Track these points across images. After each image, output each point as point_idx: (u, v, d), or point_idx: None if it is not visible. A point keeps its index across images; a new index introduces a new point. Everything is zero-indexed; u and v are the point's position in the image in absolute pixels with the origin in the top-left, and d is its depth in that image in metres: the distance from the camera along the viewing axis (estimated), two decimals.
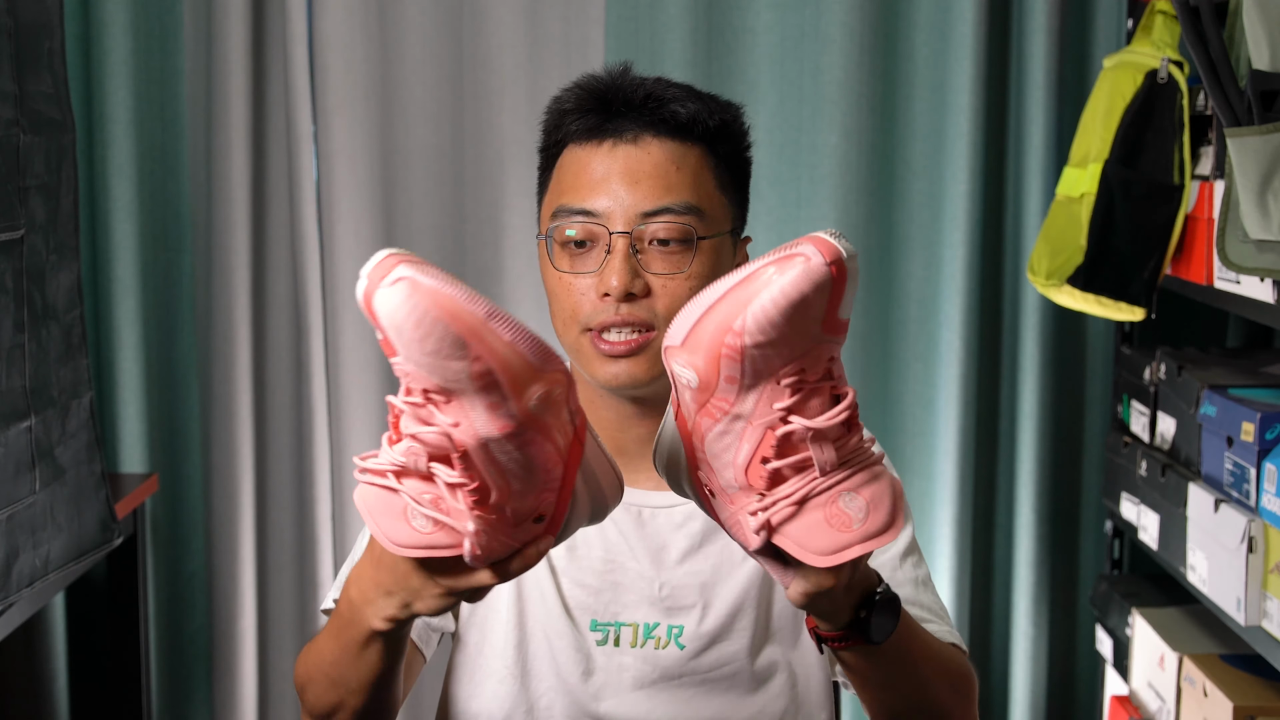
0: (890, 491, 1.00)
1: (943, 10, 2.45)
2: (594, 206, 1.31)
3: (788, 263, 0.93)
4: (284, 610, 2.62)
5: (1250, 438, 1.82)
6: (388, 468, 0.99)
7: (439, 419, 0.95)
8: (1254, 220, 1.72)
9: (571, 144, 1.35)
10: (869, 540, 0.98)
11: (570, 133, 1.35)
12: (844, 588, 1.06)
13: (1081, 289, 2.15)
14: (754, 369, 0.97)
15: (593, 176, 1.32)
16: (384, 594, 1.07)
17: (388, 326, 0.92)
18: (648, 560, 1.37)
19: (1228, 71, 1.79)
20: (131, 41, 2.43)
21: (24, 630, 2.48)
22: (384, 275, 0.91)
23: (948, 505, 2.50)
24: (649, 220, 1.30)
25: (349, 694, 1.17)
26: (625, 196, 1.30)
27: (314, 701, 1.21)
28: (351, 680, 1.16)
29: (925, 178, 2.49)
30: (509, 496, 0.99)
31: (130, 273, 2.46)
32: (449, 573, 1.03)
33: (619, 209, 1.30)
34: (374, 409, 2.53)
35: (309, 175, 2.48)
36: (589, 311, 1.30)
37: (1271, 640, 1.78)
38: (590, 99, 1.35)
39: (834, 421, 0.98)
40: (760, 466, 1.00)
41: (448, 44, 2.52)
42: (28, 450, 1.78)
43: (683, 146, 1.33)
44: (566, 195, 1.33)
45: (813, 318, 0.94)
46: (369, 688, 1.16)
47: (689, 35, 2.45)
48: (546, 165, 1.39)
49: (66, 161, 1.88)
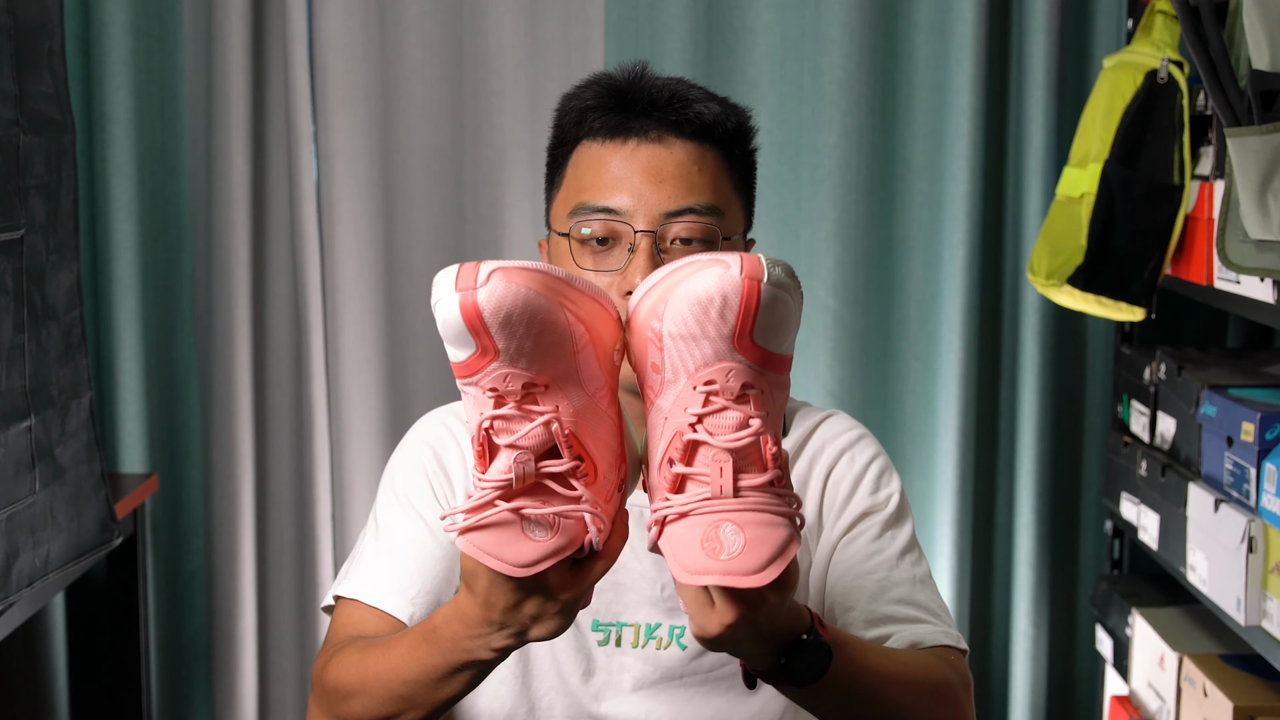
0: (780, 547, 0.98)
1: (943, 10, 2.45)
2: (617, 204, 1.31)
3: (713, 264, 0.95)
4: (284, 610, 2.62)
5: (1250, 438, 1.82)
6: (492, 494, 1.00)
7: (540, 409, 0.98)
8: (1254, 220, 1.72)
9: (589, 140, 1.34)
10: (729, 575, 0.97)
11: (590, 130, 1.34)
12: (745, 630, 1.04)
13: (1081, 289, 2.15)
14: (670, 361, 0.99)
15: (615, 174, 1.32)
16: (496, 629, 1.07)
17: (496, 323, 0.95)
18: (650, 561, 1.37)
19: (1228, 71, 1.79)
20: (131, 41, 2.43)
21: (24, 630, 2.48)
22: (475, 276, 0.94)
23: (948, 505, 2.50)
24: (673, 220, 1.30)
25: (413, 710, 1.16)
26: (649, 195, 1.30)
27: (360, 711, 1.19)
28: (424, 701, 1.15)
29: (925, 178, 2.49)
30: (606, 466, 1.02)
31: (130, 273, 2.46)
32: (566, 584, 1.04)
33: (642, 207, 1.30)
34: (374, 409, 2.53)
35: (309, 175, 2.48)
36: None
37: (1271, 640, 1.78)
38: (611, 96, 1.35)
39: (736, 445, 0.98)
40: (667, 466, 1.01)
41: (448, 44, 2.52)
42: (28, 450, 1.78)
43: (703, 148, 1.33)
44: (587, 192, 1.33)
45: (722, 325, 0.96)
46: (439, 707, 1.16)
47: (689, 35, 2.45)
48: (558, 161, 1.39)
49: (66, 161, 1.88)
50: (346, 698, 1.21)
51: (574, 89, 1.39)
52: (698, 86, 1.37)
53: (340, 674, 1.23)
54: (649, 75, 1.37)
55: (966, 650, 1.35)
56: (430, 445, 1.41)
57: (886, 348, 2.54)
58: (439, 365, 2.58)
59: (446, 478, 1.39)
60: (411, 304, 2.56)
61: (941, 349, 2.50)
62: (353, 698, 1.20)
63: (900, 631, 1.32)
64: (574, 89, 1.39)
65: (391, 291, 2.55)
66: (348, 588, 1.35)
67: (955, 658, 1.31)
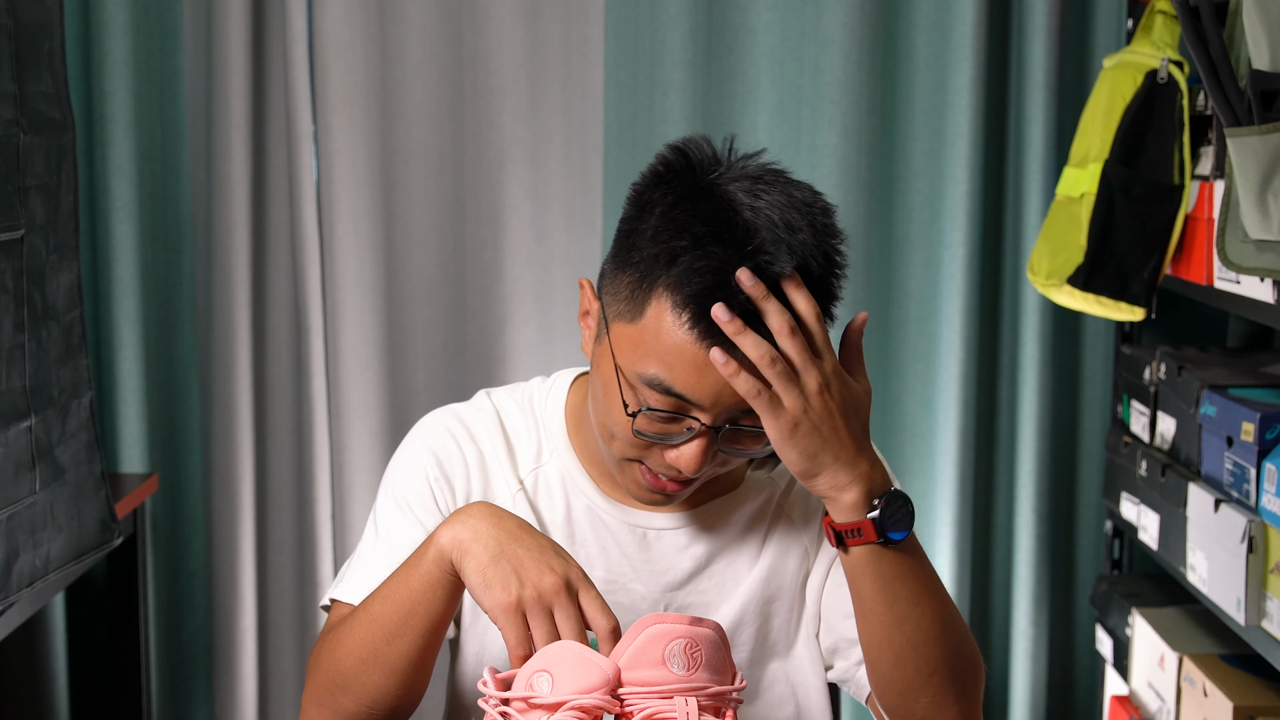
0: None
1: (943, 10, 2.45)
2: (691, 396, 1.21)
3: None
4: (284, 610, 2.62)
5: (1250, 438, 1.82)
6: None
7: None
8: (1254, 220, 1.72)
9: (674, 313, 1.20)
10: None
11: (676, 303, 1.20)
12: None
13: (1081, 289, 2.15)
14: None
15: (694, 366, 1.21)
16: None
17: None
18: (652, 581, 1.37)
19: (1228, 71, 1.78)
20: (131, 41, 2.43)
21: (24, 630, 2.48)
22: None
23: (948, 505, 2.50)
24: (741, 414, 1.24)
25: (377, 666, 1.23)
26: (726, 397, 1.22)
27: (343, 678, 1.26)
28: (385, 654, 1.23)
29: (925, 178, 2.49)
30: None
31: (130, 273, 2.46)
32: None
33: (714, 402, 1.22)
34: (374, 409, 2.53)
35: (309, 175, 2.48)
36: (651, 460, 1.27)
37: (1271, 640, 1.78)
38: (716, 277, 1.18)
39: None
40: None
41: (448, 44, 2.52)
42: (28, 450, 1.78)
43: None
44: (661, 367, 1.21)
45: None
46: (400, 665, 1.23)
47: (689, 35, 2.45)
48: (632, 264, 1.24)
49: (66, 161, 1.88)
50: (321, 670, 1.28)
51: (670, 196, 1.22)
52: (802, 253, 1.20)
53: (319, 656, 1.28)
54: (758, 256, 1.18)
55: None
56: (432, 450, 1.40)
57: (886, 348, 2.54)
58: (439, 365, 2.58)
59: (448, 482, 1.38)
60: (411, 304, 2.56)
61: (941, 349, 2.50)
62: (328, 669, 1.27)
63: None
64: (670, 196, 1.22)
65: (391, 291, 2.55)
66: (344, 591, 1.35)
67: None
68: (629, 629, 1.16)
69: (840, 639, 1.37)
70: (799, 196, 1.23)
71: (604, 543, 1.37)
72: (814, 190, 1.26)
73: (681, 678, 1.14)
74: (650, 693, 1.13)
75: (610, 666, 1.13)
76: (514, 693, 1.15)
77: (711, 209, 1.20)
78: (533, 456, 1.39)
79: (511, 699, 1.14)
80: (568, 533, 1.37)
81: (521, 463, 1.39)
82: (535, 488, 1.38)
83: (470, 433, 1.40)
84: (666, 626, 1.15)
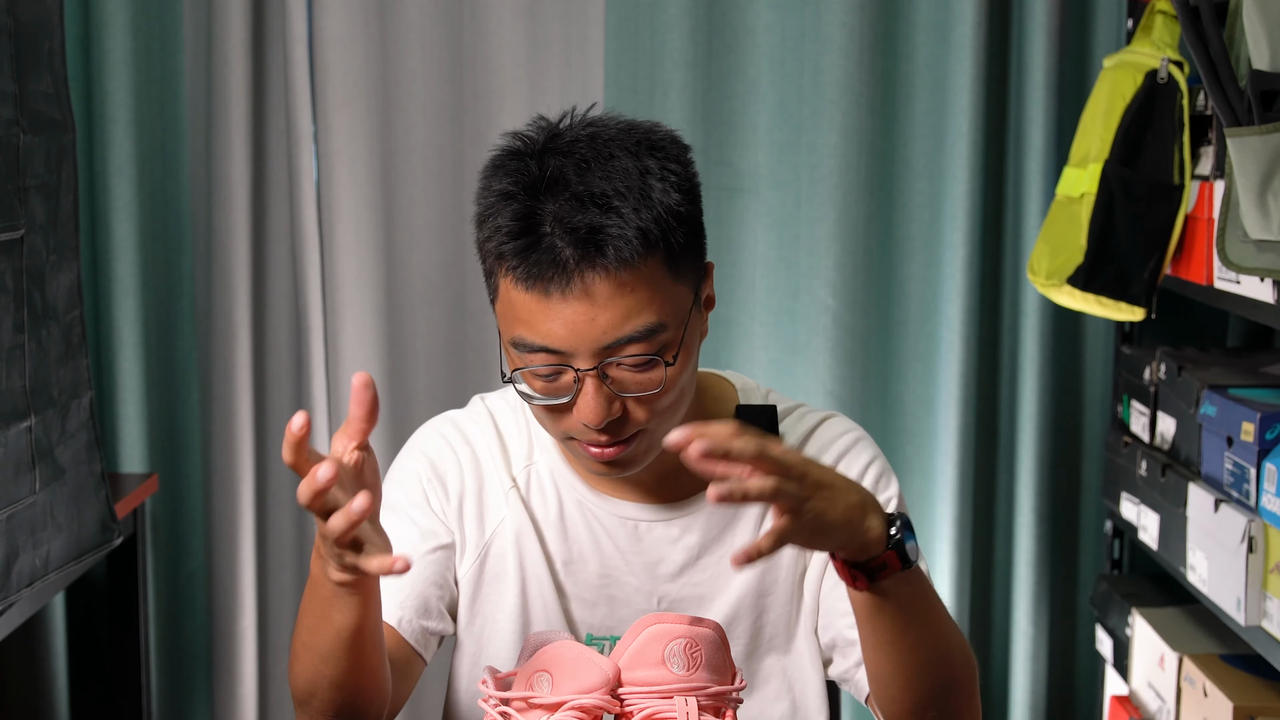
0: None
1: (943, 10, 2.45)
2: (554, 345, 1.23)
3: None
4: (284, 610, 2.62)
5: (1250, 438, 1.82)
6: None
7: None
8: (1254, 220, 1.72)
9: (509, 278, 1.24)
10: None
11: (508, 270, 1.23)
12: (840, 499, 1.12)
13: (1081, 289, 2.15)
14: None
15: (545, 319, 1.23)
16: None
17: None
18: (645, 574, 1.38)
19: (1228, 71, 1.79)
20: (131, 41, 2.43)
21: (24, 630, 2.48)
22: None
23: (948, 505, 2.50)
24: (612, 352, 1.23)
25: (321, 657, 1.21)
26: (585, 333, 1.22)
27: (307, 684, 1.25)
28: (325, 643, 1.20)
29: (925, 178, 2.49)
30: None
31: (130, 273, 2.46)
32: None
33: (580, 346, 1.22)
34: None
35: (309, 175, 2.48)
36: (569, 429, 1.28)
37: (1271, 640, 1.78)
38: (520, 224, 1.22)
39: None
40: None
41: (448, 44, 2.52)
42: (28, 450, 1.78)
43: (631, 268, 1.22)
44: (521, 328, 1.24)
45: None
46: (339, 648, 1.20)
47: (689, 35, 2.45)
48: (486, 263, 1.28)
49: (66, 161, 1.89)
50: (290, 684, 1.27)
51: (486, 175, 1.27)
52: (618, 174, 1.22)
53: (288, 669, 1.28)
54: (560, 182, 1.22)
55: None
56: (425, 453, 1.42)
57: (886, 348, 2.54)
58: (439, 365, 2.58)
59: (441, 483, 1.40)
60: (411, 304, 2.56)
61: (941, 349, 2.50)
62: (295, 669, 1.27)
63: None
64: (486, 175, 1.27)
65: (391, 291, 2.55)
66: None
67: None
68: (629, 629, 1.16)
69: (838, 637, 1.37)
70: (607, 135, 1.25)
71: (596, 536, 1.38)
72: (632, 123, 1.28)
73: (681, 678, 1.14)
74: (650, 693, 1.13)
75: (610, 666, 1.13)
76: (514, 693, 1.15)
77: (514, 172, 1.24)
78: (524, 455, 1.41)
79: (511, 699, 1.14)
80: (561, 528, 1.38)
81: (514, 461, 1.41)
82: (528, 485, 1.40)
83: (464, 435, 1.42)
84: (666, 626, 1.15)
